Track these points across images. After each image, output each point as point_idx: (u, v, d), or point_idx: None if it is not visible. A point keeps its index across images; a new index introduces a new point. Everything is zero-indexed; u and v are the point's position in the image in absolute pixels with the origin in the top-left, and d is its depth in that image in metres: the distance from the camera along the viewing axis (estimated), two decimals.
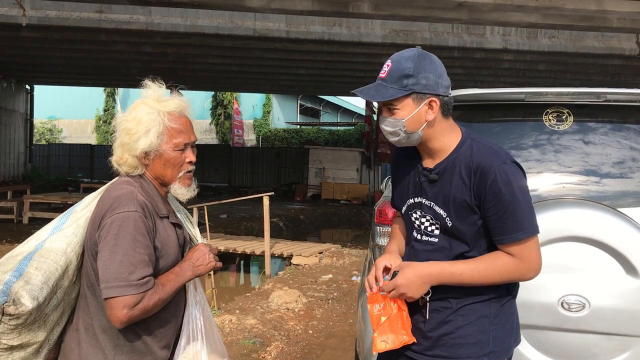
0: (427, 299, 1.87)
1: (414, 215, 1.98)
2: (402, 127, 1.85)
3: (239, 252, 10.29)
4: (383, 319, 1.89)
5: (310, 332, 5.76)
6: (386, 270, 1.94)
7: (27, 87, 24.39)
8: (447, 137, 1.90)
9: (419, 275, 1.82)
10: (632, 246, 2.45)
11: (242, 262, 11.29)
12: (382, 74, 1.87)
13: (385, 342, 1.88)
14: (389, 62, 1.87)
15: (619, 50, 13.20)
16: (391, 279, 1.89)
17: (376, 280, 1.92)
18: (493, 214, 1.80)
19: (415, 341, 1.89)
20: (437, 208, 1.89)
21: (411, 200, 1.99)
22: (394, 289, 1.84)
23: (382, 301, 1.91)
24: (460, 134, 1.92)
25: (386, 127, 1.89)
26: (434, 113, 1.85)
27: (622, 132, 2.88)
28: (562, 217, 2.52)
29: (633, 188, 2.79)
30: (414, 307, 1.93)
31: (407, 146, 1.95)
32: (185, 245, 2.00)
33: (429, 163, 1.94)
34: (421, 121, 1.85)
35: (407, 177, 2.02)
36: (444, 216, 1.88)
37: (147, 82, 1.93)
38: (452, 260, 1.88)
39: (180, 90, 2.03)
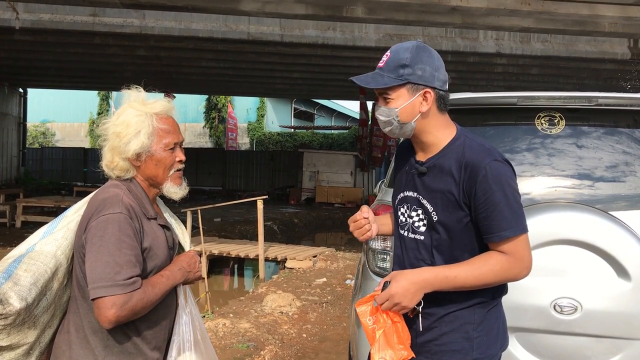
0: (419, 309, 1.83)
1: (401, 209, 1.99)
2: (395, 116, 1.86)
3: (233, 256, 10.26)
4: (379, 333, 1.80)
5: (304, 335, 5.75)
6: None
7: (21, 90, 24.33)
8: (440, 132, 1.91)
9: (413, 282, 1.77)
10: (624, 249, 2.47)
11: (236, 265, 11.27)
12: (381, 64, 1.89)
13: (384, 358, 1.79)
14: (388, 53, 1.89)
15: (611, 55, 13.30)
16: (382, 290, 1.83)
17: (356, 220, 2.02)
18: (482, 211, 1.78)
19: (414, 356, 1.83)
20: (424, 202, 1.89)
21: (402, 194, 2.00)
22: (387, 300, 1.79)
23: (374, 313, 1.82)
24: (454, 130, 1.93)
25: (380, 116, 1.90)
26: (428, 105, 1.85)
27: (614, 136, 2.89)
28: (554, 220, 2.54)
29: (625, 192, 2.80)
30: (406, 320, 1.89)
31: (403, 138, 1.96)
32: (174, 248, 2.02)
33: (421, 156, 1.95)
34: (414, 112, 1.86)
35: (403, 170, 2.03)
36: (431, 210, 1.87)
37: (127, 90, 1.97)
38: (437, 256, 1.87)
39: (174, 94, 2.05)
